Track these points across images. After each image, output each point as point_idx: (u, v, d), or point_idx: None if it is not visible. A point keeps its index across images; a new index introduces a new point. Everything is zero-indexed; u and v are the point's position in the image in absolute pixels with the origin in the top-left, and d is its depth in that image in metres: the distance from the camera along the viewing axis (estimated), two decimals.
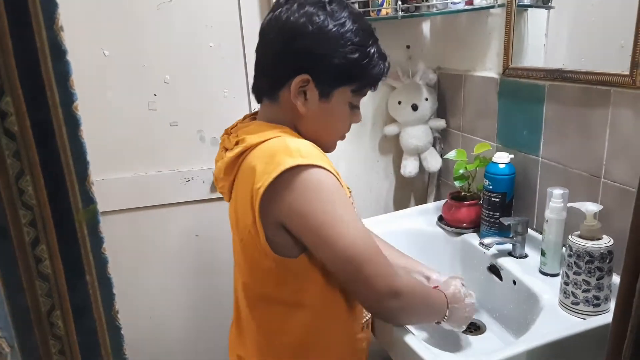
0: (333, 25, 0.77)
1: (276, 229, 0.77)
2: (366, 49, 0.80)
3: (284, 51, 0.79)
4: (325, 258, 0.77)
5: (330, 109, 0.83)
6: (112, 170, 1.40)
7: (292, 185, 0.72)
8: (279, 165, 0.72)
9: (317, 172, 0.74)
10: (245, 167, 0.78)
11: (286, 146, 0.74)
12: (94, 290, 0.42)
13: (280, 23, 0.78)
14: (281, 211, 0.74)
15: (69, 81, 0.37)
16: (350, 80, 0.81)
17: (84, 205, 0.39)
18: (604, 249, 0.86)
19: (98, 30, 1.29)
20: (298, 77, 0.78)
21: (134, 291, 1.50)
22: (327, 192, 0.75)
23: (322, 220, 0.74)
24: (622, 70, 0.88)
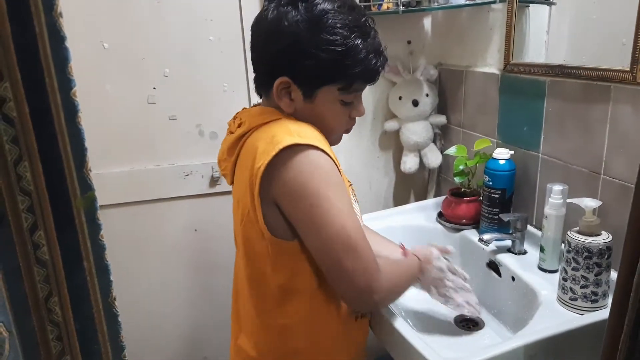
0: (307, 25, 0.74)
1: (272, 208, 0.76)
2: (345, 48, 0.75)
3: (265, 53, 0.80)
4: (311, 242, 0.77)
5: (317, 108, 0.81)
6: (110, 164, 1.39)
7: (288, 163, 0.72)
8: (278, 143, 0.72)
9: (314, 153, 0.73)
10: (247, 147, 0.78)
11: (287, 127, 0.75)
12: (91, 277, 0.42)
13: (261, 24, 0.80)
14: (276, 189, 0.74)
15: (67, 67, 0.37)
16: (332, 79, 0.78)
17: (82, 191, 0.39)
18: (602, 244, 0.86)
19: (97, 23, 1.29)
20: (278, 80, 0.78)
21: (132, 286, 1.50)
22: (322, 174, 0.73)
23: (313, 203, 0.73)
24: (622, 66, 0.88)
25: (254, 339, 0.88)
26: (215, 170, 1.48)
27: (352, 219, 0.76)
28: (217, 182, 1.50)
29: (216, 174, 1.48)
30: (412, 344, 0.85)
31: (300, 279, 0.82)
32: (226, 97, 1.44)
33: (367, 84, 0.83)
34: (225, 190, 1.51)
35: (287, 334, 0.85)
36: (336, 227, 0.73)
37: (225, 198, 1.52)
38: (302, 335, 0.86)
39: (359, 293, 0.77)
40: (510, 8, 1.16)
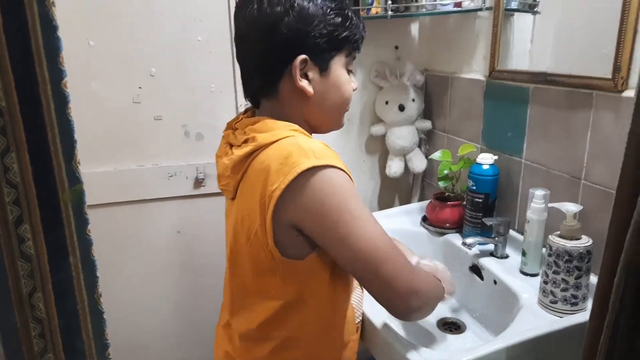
0: (306, 3, 0.77)
1: (288, 230, 0.75)
2: (345, 11, 0.81)
3: (273, 43, 0.77)
4: (342, 258, 0.76)
5: (333, 79, 0.83)
6: (93, 163, 1.37)
7: (308, 186, 0.71)
8: (295, 166, 0.71)
9: (332, 171, 0.73)
10: (256, 167, 0.76)
11: (300, 147, 0.73)
12: (77, 272, 0.41)
13: (255, 20, 0.77)
14: (295, 212, 0.73)
15: (59, 57, 0.37)
16: (341, 44, 0.81)
17: (70, 185, 0.38)
18: (582, 248, 0.88)
19: (83, 20, 1.27)
20: (296, 60, 0.77)
21: (114, 287, 1.48)
22: (343, 191, 0.73)
23: (339, 220, 0.72)
24: (604, 74, 0.90)
25: (248, 351, 0.87)
26: (200, 171, 1.46)
27: (377, 228, 0.76)
28: (202, 184, 1.48)
29: (201, 175, 1.47)
30: (395, 347, 0.85)
31: (308, 293, 0.82)
32: (213, 98, 1.43)
33: (358, 50, 0.86)
34: (209, 192, 1.50)
35: (287, 345, 0.84)
36: (367, 239, 0.73)
37: (210, 200, 1.50)
38: (302, 345, 0.85)
39: (402, 298, 0.77)
40: (496, 16, 1.18)
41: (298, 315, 0.82)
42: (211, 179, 1.48)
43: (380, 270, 0.74)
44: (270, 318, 0.82)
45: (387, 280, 0.74)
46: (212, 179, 1.48)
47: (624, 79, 0.87)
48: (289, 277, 0.79)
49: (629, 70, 0.86)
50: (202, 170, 1.46)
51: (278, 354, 0.84)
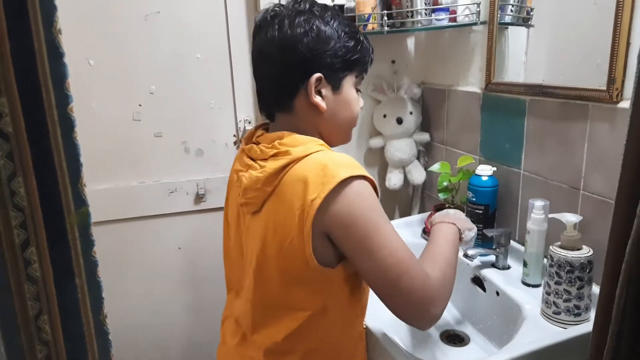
0: (324, 23, 0.83)
1: (321, 238, 0.78)
2: (357, 35, 0.88)
3: (291, 61, 0.82)
4: (365, 268, 0.78)
5: (343, 97, 0.88)
6: (94, 181, 1.38)
7: (341, 195, 0.75)
8: (333, 177, 0.74)
9: (362, 183, 0.77)
10: (291, 179, 0.78)
11: (334, 159, 0.78)
12: (83, 294, 0.41)
13: (277, 39, 0.82)
14: (328, 220, 0.76)
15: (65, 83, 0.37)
16: (352, 65, 0.87)
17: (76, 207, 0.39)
18: (584, 258, 0.88)
19: (83, 39, 1.29)
20: (312, 77, 0.83)
21: (115, 305, 1.47)
22: (371, 202, 0.77)
23: (366, 230, 0.75)
24: (599, 85, 0.91)
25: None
26: (200, 187, 1.47)
27: (400, 241, 0.78)
28: (202, 200, 1.49)
29: (201, 191, 1.47)
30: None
31: (331, 304, 0.84)
32: (213, 114, 1.44)
33: (366, 72, 0.93)
34: (210, 207, 1.50)
35: (309, 357, 0.86)
36: (388, 252, 0.76)
37: (210, 215, 1.51)
38: (325, 355, 0.87)
39: (421, 310, 0.78)
40: (491, 29, 1.20)
41: (321, 327, 0.85)
42: (212, 195, 1.48)
43: (399, 282, 0.76)
44: (296, 330, 0.84)
45: (405, 294, 0.76)
46: (213, 194, 1.48)
47: (619, 90, 0.88)
48: (318, 287, 0.82)
49: (624, 82, 0.87)
50: (203, 186, 1.47)
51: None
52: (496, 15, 1.18)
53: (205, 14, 1.37)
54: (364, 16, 1.29)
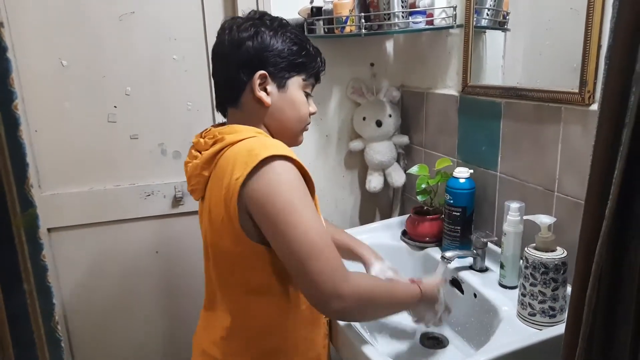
0: (271, 28, 0.89)
1: (246, 216, 0.80)
2: (303, 42, 0.92)
3: (238, 59, 0.88)
4: (277, 247, 0.80)
5: (289, 96, 0.91)
6: (68, 184, 1.35)
7: (260, 173, 0.77)
8: (257, 156, 0.77)
9: (284, 162, 0.79)
10: (223, 162, 0.82)
11: (262, 142, 0.81)
12: (32, 300, 0.39)
13: (224, 44, 0.89)
14: (247, 198, 0.78)
15: (8, 79, 0.36)
16: (297, 68, 0.91)
17: (22, 209, 0.37)
18: (558, 260, 0.88)
19: (56, 39, 1.26)
20: (256, 74, 0.87)
21: (90, 309, 1.44)
22: (290, 182, 0.79)
23: (280, 208, 0.77)
24: (572, 88, 0.92)
25: (222, 344, 0.90)
26: (178, 190, 1.45)
27: (317, 224, 0.79)
28: (180, 203, 1.47)
29: (179, 194, 1.45)
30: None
31: (274, 281, 0.86)
32: (190, 116, 1.43)
33: (316, 80, 0.96)
34: (188, 210, 1.48)
35: (259, 337, 0.89)
36: (300, 232, 0.76)
37: (188, 219, 1.49)
38: (273, 336, 0.89)
39: (324, 297, 0.78)
40: (467, 33, 1.20)
41: (265, 305, 0.88)
42: (189, 198, 1.46)
43: (308, 266, 0.76)
44: (241, 308, 0.88)
45: (313, 278, 0.76)
46: (190, 197, 1.44)
47: (591, 92, 0.89)
48: (253, 263, 0.84)
49: (595, 84, 0.88)
50: (180, 189, 1.45)
51: (251, 345, 0.89)
52: (472, 18, 1.18)
53: (181, 14, 1.35)
54: (342, 18, 1.29)
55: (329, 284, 0.77)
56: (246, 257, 0.84)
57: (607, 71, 0.53)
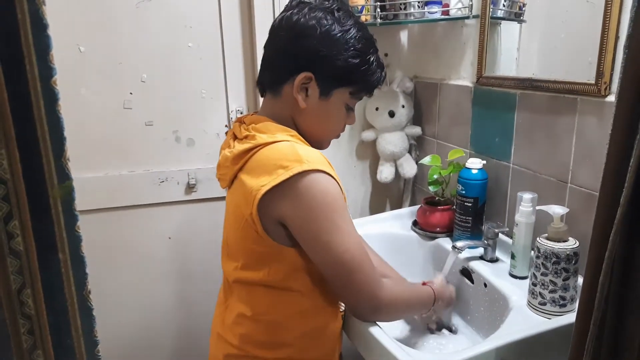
0: (339, 30, 0.83)
1: (275, 224, 0.81)
2: (366, 56, 0.86)
3: (291, 48, 0.84)
4: (319, 261, 0.83)
5: (328, 107, 0.88)
6: (83, 169, 1.37)
7: (299, 189, 0.77)
8: (287, 169, 0.76)
9: (322, 177, 0.78)
10: (253, 163, 0.82)
11: (295, 152, 0.78)
12: (66, 269, 0.41)
13: (290, 23, 0.84)
14: (284, 211, 0.79)
15: (49, 55, 0.37)
16: (349, 82, 0.87)
17: (59, 181, 0.39)
18: (570, 250, 0.89)
19: (74, 26, 1.28)
20: (302, 74, 0.84)
21: (105, 294, 1.47)
22: (330, 199, 0.79)
23: (322, 227, 0.79)
24: (588, 79, 0.92)
25: (238, 330, 0.91)
26: (191, 177, 1.46)
27: (356, 239, 0.83)
28: (193, 190, 1.48)
29: (192, 181, 1.47)
30: (387, 348, 0.85)
31: (295, 280, 0.87)
32: (204, 103, 1.44)
33: (368, 94, 0.93)
34: (200, 197, 1.50)
35: (275, 329, 0.89)
36: (342, 250, 0.80)
37: (201, 205, 1.50)
38: (289, 329, 0.90)
39: (364, 306, 0.86)
40: (483, 23, 1.20)
41: (284, 302, 0.88)
42: (203, 185, 1.48)
43: (350, 280, 0.82)
44: (259, 302, 0.88)
45: (354, 289, 0.83)
46: (204, 184, 1.48)
47: (607, 84, 0.89)
48: (276, 263, 0.85)
49: (612, 76, 0.88)
50: (194, 176, 1.47)
51: (266, 336, 0.89)
52: (488, 9, 1.18)
53: (197, 1, 1.36)
54: (357, 8, 1.29)
55: (369, 294, 0.84)
56: (268, 255, 0.85)
57: (625, 60, 0.53)
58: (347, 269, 0.81)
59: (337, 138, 0.97)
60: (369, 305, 0.85)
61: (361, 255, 0.82)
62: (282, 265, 0.85)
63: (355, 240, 0.82)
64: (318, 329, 0.93)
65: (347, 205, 0.86)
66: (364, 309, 0.87)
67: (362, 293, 0.83)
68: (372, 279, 0.84)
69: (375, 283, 0.84)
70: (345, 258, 0.80)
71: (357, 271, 0.81)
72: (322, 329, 0.93)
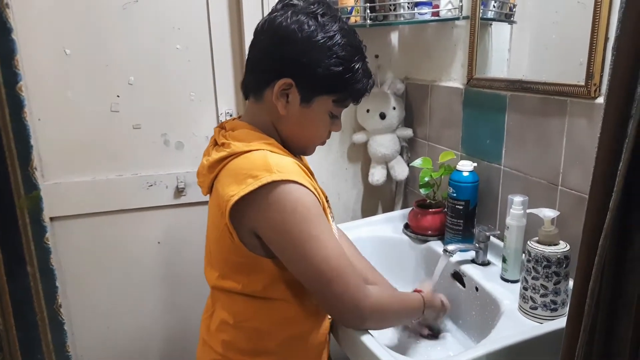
0: (322, 36, 0.79)
1: (249, 234, 0.80)
2: (351, 64, 0.82)
3: (272, 53, 0.82)
4: (297, 272, 0.81)
5: (309, 114, 0.85)
6: (70, 173, 1.34)
7: (269, 200, 0.75)
8: (256, 179, 0.75)
9: (293, 188, 0.77)
10: (226, 172, 0.81)
11: (266, 162, 0.77)
12: (35, 282, 0.39)
13: (273, 26, 0.82)
14: (256, 222, 0.78)
15: (13, 60, 0.36)
16: (332, 90, 0.84)
17: (26, 191, 0.37)
18: (560, 254, 0.88)
19: (59, 28, 1.25)
20: (281, 80, 0.81)
21: (92, 299, 1.44)
22: (301, 209, 0.77)
23: (296, 238, 0.77)
24: (578, 81, 0.91)
25: (221, 337, 0.90)
26: (180, 181, 1.45)
27: (334, 247, 0.80)
28: (182, 193, 1.47)
29: (181, 184, 1.45)
30: (376, 354, 0.84)
31: (275, 289, 0.85)
32: (193, 106, 1.42)
33: (354, 102, 0.89)
34: (190, 201, 1.48)
35: (258, 336, 0.88)
36: (318, 260, 0.78)
37: (190, 209, 1.49)
38: (271, 336, 0.89)
39: (347, 315, 0.83)
40: (473, 24, 1.19)
41: (266, 310, 0.87)
42: (192, 188, 1.46)
43: (330, 290, 0.79)
44: (241, 310, 0.87)
45: (336, 299, 0.80)
46: (193, 188, 1.46)
47: (597, 85, 0.88)
48: (254, 273, 0.84)
49: (601, 77, 0.87)
50: (183, 180, 1.45)
51: (250, 343, 0.88)
52: (478, 10, 1.17)
53: (185, 3, 1.34)
54: (347, 9, 1.28)
55: (351, 303, 0.81)
56: (245, 265, 0.83)
57: (613, 62, 0.52)
58: (326, 279, 0.78)
59: (323, 145, 0.94)
60: (353, 314, 0.83)
61: (340, 264, 0.79)
62: (260, 276, 0.84)
63: (332, 248, 0.79)
64: (301, 336, 0.91)
65: (328, 212, 0.86)
66: (349, 319, 0.85)
67: (344, 303, 0.81)
68: (354, 287, 0.81)
69: (358, 291, 0.81)
70: (322, 268, 0.78)
71: (337, 281, 0.79)
72: (305, 336, 0.92)
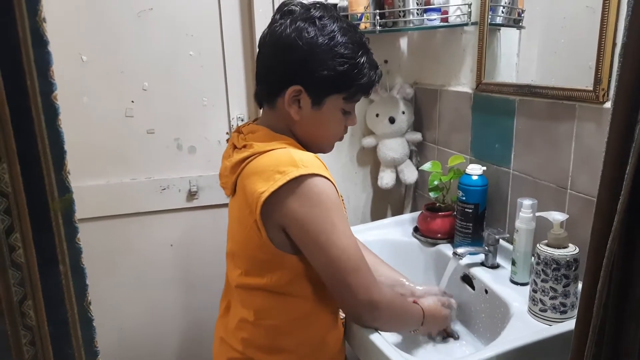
0: (322, 39, 0.82)
1: (277, 230, 0.83)
2: (355, 60, 0.85)
3: (277, 64, 0.86)
4: (316, 263, 0.84)
5: (322, 115, 0.89)
6: (85, 177, 1.38)
7: (296, 193, 0.79)
8: (284, 174, 0.78)
9: (318, 180, 0.80)
10: (250, 170, 0.83)
11: (291, 157, 0.80)
12: (67, 280, 0.42)
13: (274, 38, 0.85)
14: (283, 216, 0.81)
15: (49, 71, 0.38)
16: (340, 89, 0.87)
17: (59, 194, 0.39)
18: (569, 256, 0.89)
19: (76, 35, 1.29)
20: (290, 88, 0.85)
21: (107, 301, 1.47)
22: (327, 201, 0.81)
23: (319, 227, 0.80)
24: (586, 86, 0.92)
25: (240, 335, 0.92)
26: (193, 184, 1.47)
27: (352, 240, 0.84)
28: (195, 197, 1.49)
29: (194, 188, 1.47)
30: (388, 355, 0.85)
31: (296, 285, 0.89)
32: (206, 111, 1.45)
33: (364, 95, 0.92)
34: (202, 204, 1.50)
35: (276, 333, 0.91)
36: (339, 250, 0.81)
37: (203, 212, 1.51)
38: (290, 334, 0.91)
39: (361, 307, 0.86)
40: (481, 30, 1.21)
41: (286, 307, 0.90)
42: (204, 192, 1.48)
43: (346, 278, 0.83)
44: (262, 307, 0.90)
45: (352, 290, 0.83)
46: (205, 191, 1.48)
47: (605, 90, 0.89)
48: (279, 270, 0.86)
49: (609, 82, 0.88)
50: (195, 183, 1.47)
51: (268, 340, 0.91)
52: (487, 16, 1.19)
53: (198, 10, 1.37)
54: (357, 15, 1.30)
55: (366, 295, 0.84)
56: (271, 262, 0.86)
57: (620, 68, 0.54)
58: (344, 269, 0.82)
59: (341, 140, 0.97)
60: (367, 306, 0.86)
61: (357, 257, 0.84)
62: (284, 272, 0.87)
63: (352, 241, 0.84)
64: (319, 336, 0.93)
65: (344, 209, 0.88)
66: (361, 313, 0.88)
67: (359, 294, 0.84)
68: (369, 280, 0.85)
69: (373, 285, 0.85)
70: (342, 258, 0.82)
71: (354, 272, 0.83)
72: (322, 336, 0.94)
